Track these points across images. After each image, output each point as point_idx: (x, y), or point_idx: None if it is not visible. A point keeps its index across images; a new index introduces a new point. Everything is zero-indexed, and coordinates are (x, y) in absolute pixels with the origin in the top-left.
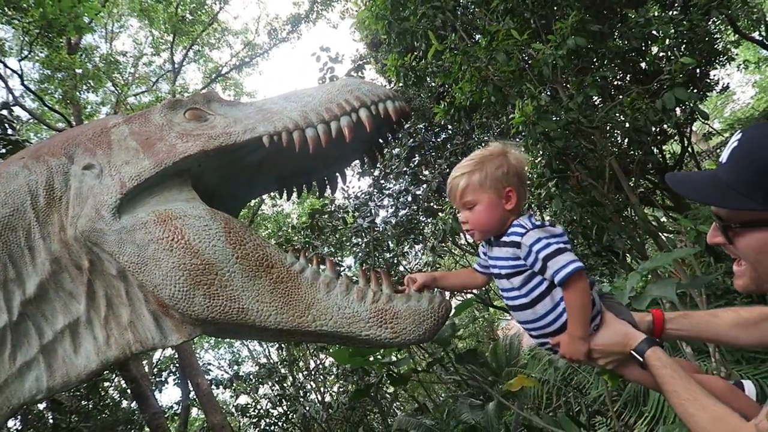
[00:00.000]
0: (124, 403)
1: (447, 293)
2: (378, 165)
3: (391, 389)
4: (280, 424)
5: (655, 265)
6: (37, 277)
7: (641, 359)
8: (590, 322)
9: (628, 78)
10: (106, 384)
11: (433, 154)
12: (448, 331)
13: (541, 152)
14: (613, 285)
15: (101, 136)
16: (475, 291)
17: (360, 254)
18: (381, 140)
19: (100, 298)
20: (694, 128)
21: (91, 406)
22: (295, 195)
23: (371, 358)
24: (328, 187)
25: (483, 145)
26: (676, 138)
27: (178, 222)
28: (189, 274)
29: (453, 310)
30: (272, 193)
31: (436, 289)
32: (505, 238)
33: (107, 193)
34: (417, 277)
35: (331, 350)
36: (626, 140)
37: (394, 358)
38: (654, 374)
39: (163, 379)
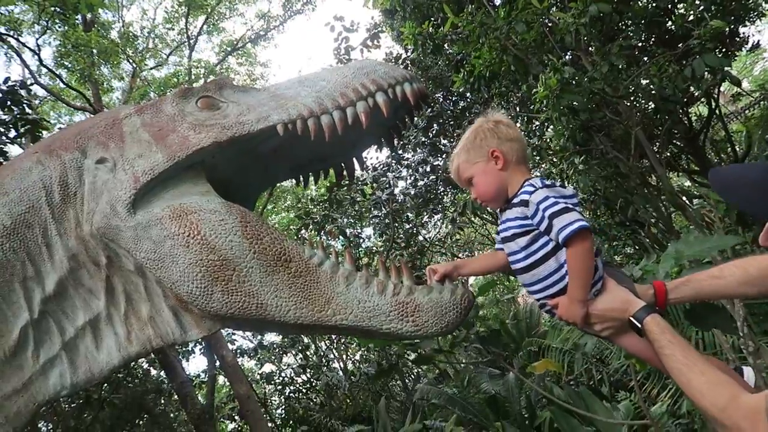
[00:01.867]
0: (153, 372)
1: (470, 280)
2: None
3: (413, 356)
4: (303, 391)
5: (692, 252)
6: (55, 275)
7: (639, 326)
8: (591, 287)
9: (653, 39)
10: None
11: (452, 123)
12: (472, 313)
13: (564, 125)
14: (645, 269)
15: (113, 128)
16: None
17: (379, 226)
18: (399, 123)
19: (119, 293)
20: (722, 89)
21: (121, 376)
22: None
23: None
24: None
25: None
26: (702, 100)
27: (194, 217)
28: (206, 270)
29: (476, 292)
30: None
31: (458, 280)
32: (515, 200)
33: (121, 188)
34: (438, 267)
35: None
36: (652, 105)
37: None
38: (652, 339)
39: (189, 349)
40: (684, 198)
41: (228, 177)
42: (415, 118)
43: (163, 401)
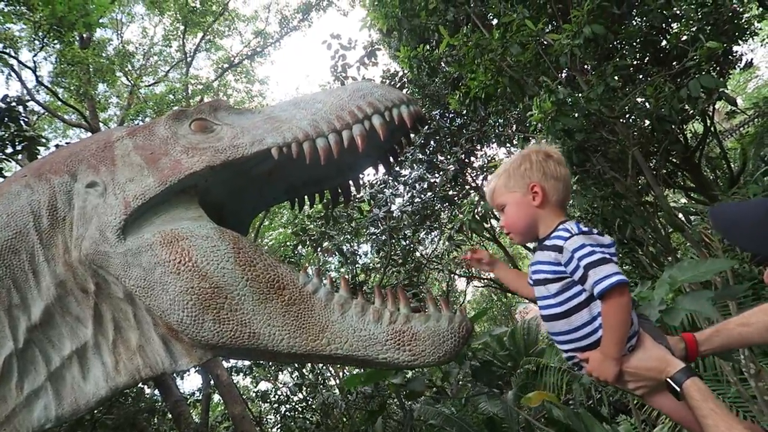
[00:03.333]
0: (147, 391)
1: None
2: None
3: (409, 374)
4: (299, 410)
5: (686, 278)
6: (42, 302)
7: (678, 389)
8: (626, 342)
9: (647, 59)
10: None
11: (449, 140)
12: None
13: (561, 147)
14: (639, 295)
15: (105, 151)
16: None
17: (376, 242)
18: (395, 146)
19: (108, 321)
20: (716, 106)
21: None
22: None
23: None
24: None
25: (499, 131)
26: (697, 118)
27: (185, 243)
28: (197, 299)
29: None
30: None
31: (456, 308)
32: (548, 242)
33: (111, 213)
34: (480, 253)
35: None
36: (648, 124)
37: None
38: (692, 406)
39: None
40: (681, 216)
41: (222, 200)
42: (412, 137)
43: (156, 420)
